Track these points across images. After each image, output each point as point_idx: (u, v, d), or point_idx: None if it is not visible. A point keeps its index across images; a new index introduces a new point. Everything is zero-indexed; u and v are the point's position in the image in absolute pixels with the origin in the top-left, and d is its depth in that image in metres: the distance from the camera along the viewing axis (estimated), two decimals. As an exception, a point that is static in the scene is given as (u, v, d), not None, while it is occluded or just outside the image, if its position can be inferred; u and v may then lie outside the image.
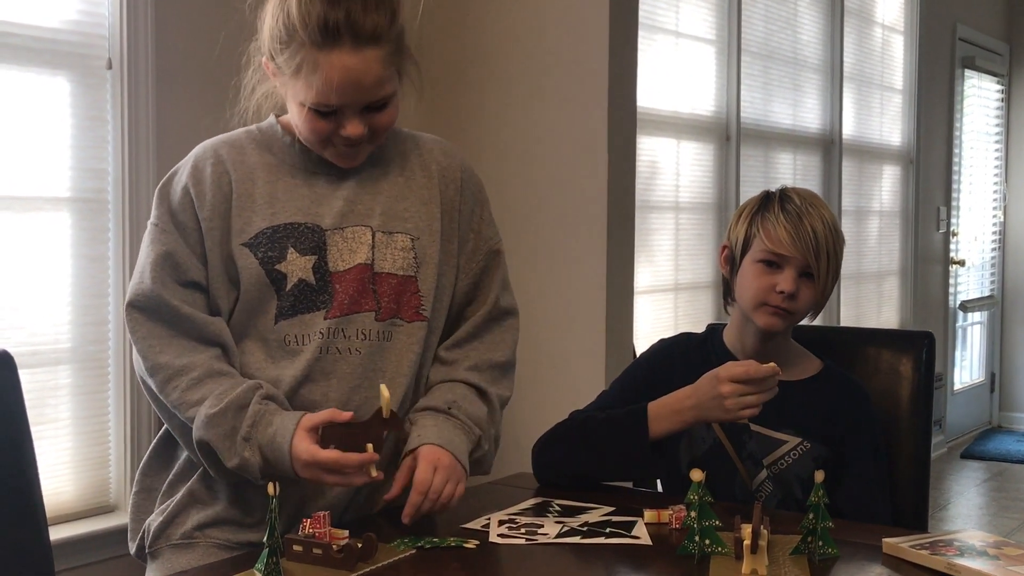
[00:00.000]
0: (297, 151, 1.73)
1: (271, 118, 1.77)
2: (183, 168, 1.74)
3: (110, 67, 2.51)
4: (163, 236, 1.69)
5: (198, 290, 1.68)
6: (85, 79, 2.47)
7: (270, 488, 1.39)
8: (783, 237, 1.90)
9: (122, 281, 2.52)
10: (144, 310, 1.67)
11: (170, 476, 1.77)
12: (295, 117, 1.67)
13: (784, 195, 1.95)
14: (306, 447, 1.56)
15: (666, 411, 1.88)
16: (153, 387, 1.67)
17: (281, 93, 1.71)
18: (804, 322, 2.10)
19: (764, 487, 1.94)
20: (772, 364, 1.78)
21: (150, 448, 1.82)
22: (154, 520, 1.75)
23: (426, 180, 1.79)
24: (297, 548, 1.48)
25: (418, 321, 1.74)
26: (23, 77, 2.36)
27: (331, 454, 1.55)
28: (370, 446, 1.56)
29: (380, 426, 1.59)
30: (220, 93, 2.78)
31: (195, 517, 1.73)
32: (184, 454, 1.75)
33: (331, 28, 1.57)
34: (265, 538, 1.40)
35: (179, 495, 1.74)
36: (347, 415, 1.58)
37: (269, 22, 1.66)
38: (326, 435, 1.58)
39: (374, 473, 1.57)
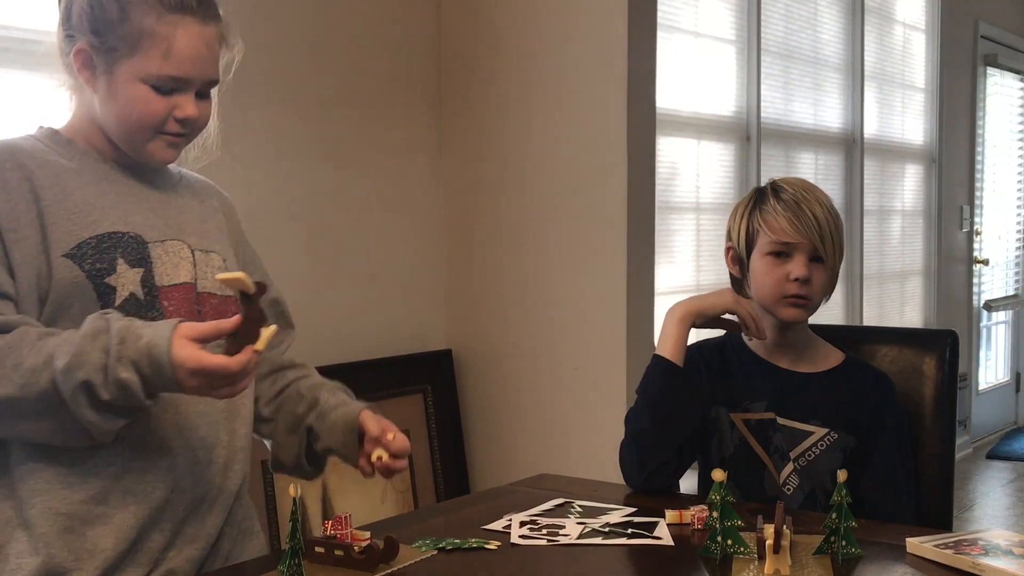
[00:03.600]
0: (93, 158, 1.59)
1: (44, 129, 1.61)
2: None
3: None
4: None
5: (8, 301, 1.48)
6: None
7: (292, 490, 1.38)
8: (786, 226, 1.92)
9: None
10: None
11: None
12: (120, 104, 1.53)
13: (776, 186, 1.98)
14: (190, 352, 1.39)
15: (666, 338, 1.95)
16: None
17: (88, 86, 1.56)
18: (826, 320, 2.10)
19: (791, 480, 1.95)
20: None
21: None
22: None
23: (213, 210, 1.74)
24: (319, 550, 1.49)
25: None
26: (47, 83, 2.37)
27: (219, 359, 1.40)
28: (264, 333, 1.42)
29: (256, 305, 1.43)
30: (243, 95, 2.80)
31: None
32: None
33: None
34: (288, 539, 1.40)
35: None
36: (232, 321, 1.42)
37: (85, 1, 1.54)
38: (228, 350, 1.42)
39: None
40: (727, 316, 1.98)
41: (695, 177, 4.00)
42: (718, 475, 1.55)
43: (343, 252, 3.11)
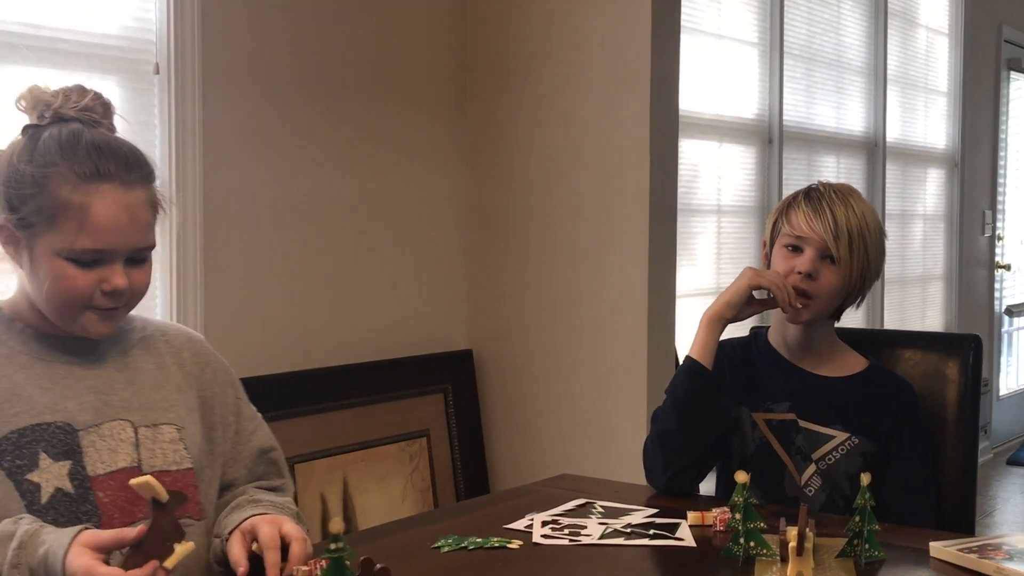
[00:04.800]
0: (31, 337, 1.50)
1: None
2: None
3: (158, 72, 2.54)
4: None
5: None
6: (133, 84, 2.51)
7: (334, 524, 1.23)
8: (801, 220, 1.94)
9: (173, 287, 2.56)
10: None
11: None
12: (41, 280, 1.45)
13: (815, 187, 1.99)
14: (83, 562, 1.26)
15: (696, 340, 1.94)
16: None
17: (14, 262, 1.50)
18: (846, 325, 2.10)
19: (813, 481, 1.94)
20: None
21: None
22: None
23: (178, 367, 1.62)
24: None
25: (204, 520, 1.56)
26: (74, 80, 2.38)
27: (113, 571, 1.26)
28: (178, 549, 1.30)
29: (171, 515, 1.31)
30: (265, 99, 2.84)
31: None
32: None
33: (99, 165, 1.45)
34: None
35: None
36: (136, 531, 1.29)
37: (4, 172, 1.46)
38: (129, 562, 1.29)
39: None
40: (759, 296, 1.95)
41: (716, 180, 4.00)
42: (741, 477, 1.56)
43: (365, 252, 3.12)
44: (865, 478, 1.55)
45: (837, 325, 2.06)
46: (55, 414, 1.46)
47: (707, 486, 2.08)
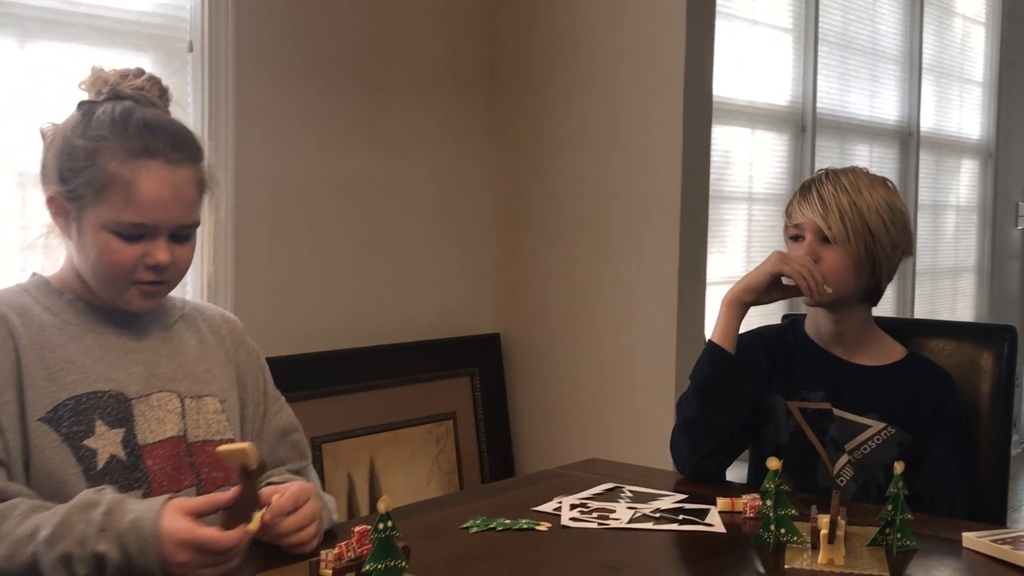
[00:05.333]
0: (81, 309, 1.54)
1: (34, 279, 1.57)
2: None
3: (191, 50, 2.54)
4: None
5: (1, 467, 1.42)
6: (168, 61, 2.51)
7: (382, 504, 1.23)
8: (795, 210, 1.97)
9: (204, 267, 2.56)
10: None
11: None
12: (89, 253, 1.49)
13: (813, 176, 2.00)
14: (182, 524, 1.32)
15: (717, 324, 1.94)
16: None
17: (64, 234, 1.54)
18: (879, 314, 2.08)
19: (844, 472, 1.93)
20: None
21: None
22: None
23: (218, 343, 1.67)
24: None
25: None
26: (109, 57, 2.40)
27: (212, 531, 1.32)
28: (257, 516, 1.36)
29: (255, 483, 1.38)
30: (299, 77, 2.83)
31: None
32: None
33: (148, 142, 1.49)
34: (368, 561, 1.25)
35: None
36: (228, 495, 1.36)
37: (59, 144, 1.51)
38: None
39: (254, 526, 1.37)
40: (786, 282, 1.93)
41: (748, 167, 3.97)
42: (773, 463, 1.54)
43: (395, 235, 3.12)
44: (899, 466, 1.53)
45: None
46: (108, 383, 1.50)
47: (739, 474, 2.07)
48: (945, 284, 5.43)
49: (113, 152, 1.47)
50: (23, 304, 1.51)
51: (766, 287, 1.92)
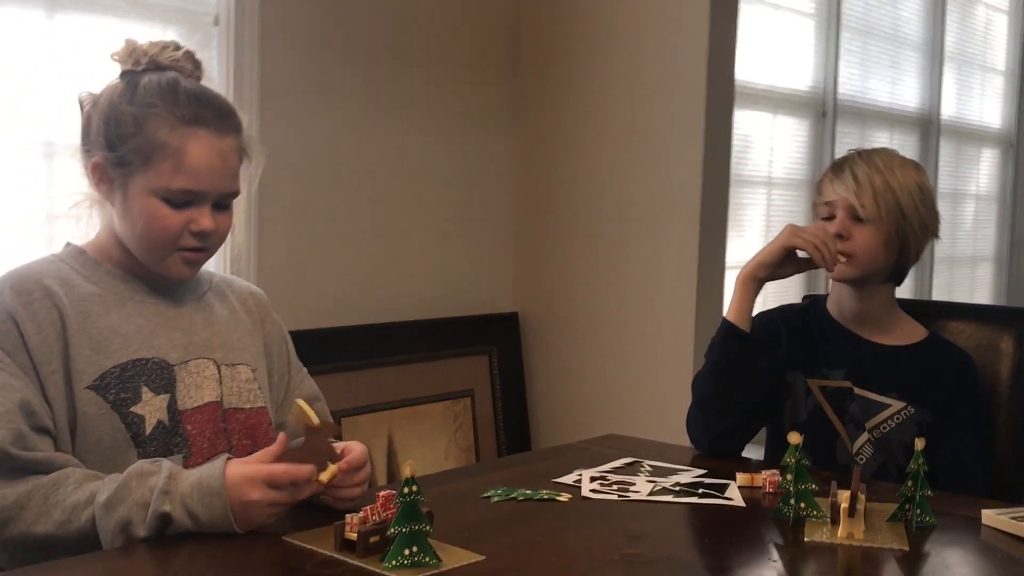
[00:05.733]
0: (119, 278, 1.56)
1: (70, 248, 1.59)
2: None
3: (217, 23, 2.55)
4: (11, 380, 1.43)
5: (47, 436, 1.44)
6: (193, 34, 2.52)
7: (408, 468, 1.27)
8: (827, 187, 1.96)
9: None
10: None
11: None
12: (135, 219, 1.51)
13: (845, 155, 1.99)
14: (250, 466, 1.38)
15: (732, 301, 1.95)
16: (22, 524, 1.37)
17: (106, 201, 1.55)
18: (905, 294, 2.08)
19: (864, 451, 1.93)
20: None
21: None
22: None
23: (246, 314, 1.70)
24: (374, 540, 1.33)
25: None
26: (135, 30, 2.40)
27: (283, 464, 1.39)
28: (332, 468, 1.44)
29: (323, 437, 1.45)
30: (324, 52, 2.84)
31: None
32: None
33: (197, 111, 1.51)
34: (393, 524, 1.29)
35: None
36: (299, 442, 1.43)
37: (104, 111, 1.52)
38: None
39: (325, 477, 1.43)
40: (801, 255, 1.93)
41: (768, 151, 3.97)
42: (794, 438, 1.55)
43: (414, 212, 3.13)
44: (919, 443, 1.54)
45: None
46: (151, 350, 1.53)
47: (756, 452, 2.08)
48: (963, 273, 5.42)
49: (163, 119, 1.50)
50: (63, 274, 1.53)
51: (780, 261, 1.91)
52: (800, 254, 1.93)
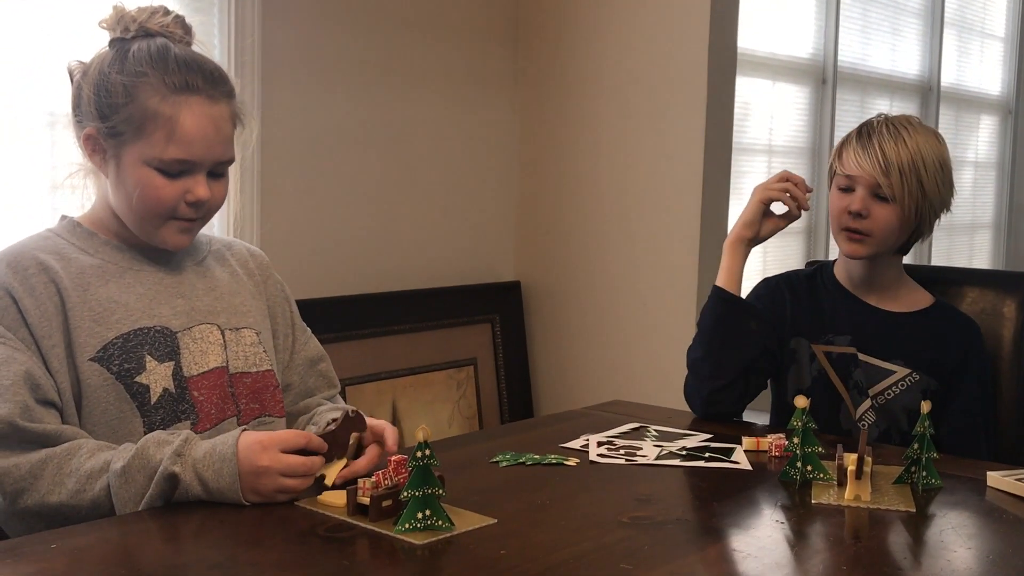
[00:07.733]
0: (116, 248, 1.55)
1: (65, 221, 1.57)
2: None
3: (218, -8, 2.54)
4: (15, 353, 1.42)
5: (54, 409, 1.44)
6: (194, 3, 2.51)
7: (421, 432, 1.27)
8: (851, 159, 1.93)
9: (230, 208, 2.58)
10: None
11: None
12: (129, 190, 1.50)
13: (869, 122, 1.96)
14: (262, 433, 1.39)
15: (721, 267, 1.99)
16: (36, 494, 1.38)
17: (100, 172, 1.54)
18: (907, 260, 2.08)
19: (867, 416, 1.95)
20: None
21: None
22: None
23: (247, 276, 1.69)
24: (387, 504, 1.34)
25: (283, 417, 1.64)
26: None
27: (294, 430, 1.41)
28: (334, 465, 1.45)
29: (345, 434, 1.47)
30: (326, 20, 2.83)
31: None
32: None
33: (188, 78, 1.49)
34: (407, 488, 1.29)
35: None
36: (311, 435, 1.42)
37: (94, 81, 1.50)
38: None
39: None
40: (776, 210, 1.99)
41: (769, 119, 3.96)
42: (801, 401, 1.56)
43: (417, 181, 3.13)
44: (925, 406, 1.55)
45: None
46: (152, 319, 1.52)
47: (762, 418, 2.09)
48: (962, 240, 5.43)
49: (154, 88, 1.48)
50: (59, 248, 1.52)
51: (759, 218, 1.97)
52: (774, 208, 1.96)
